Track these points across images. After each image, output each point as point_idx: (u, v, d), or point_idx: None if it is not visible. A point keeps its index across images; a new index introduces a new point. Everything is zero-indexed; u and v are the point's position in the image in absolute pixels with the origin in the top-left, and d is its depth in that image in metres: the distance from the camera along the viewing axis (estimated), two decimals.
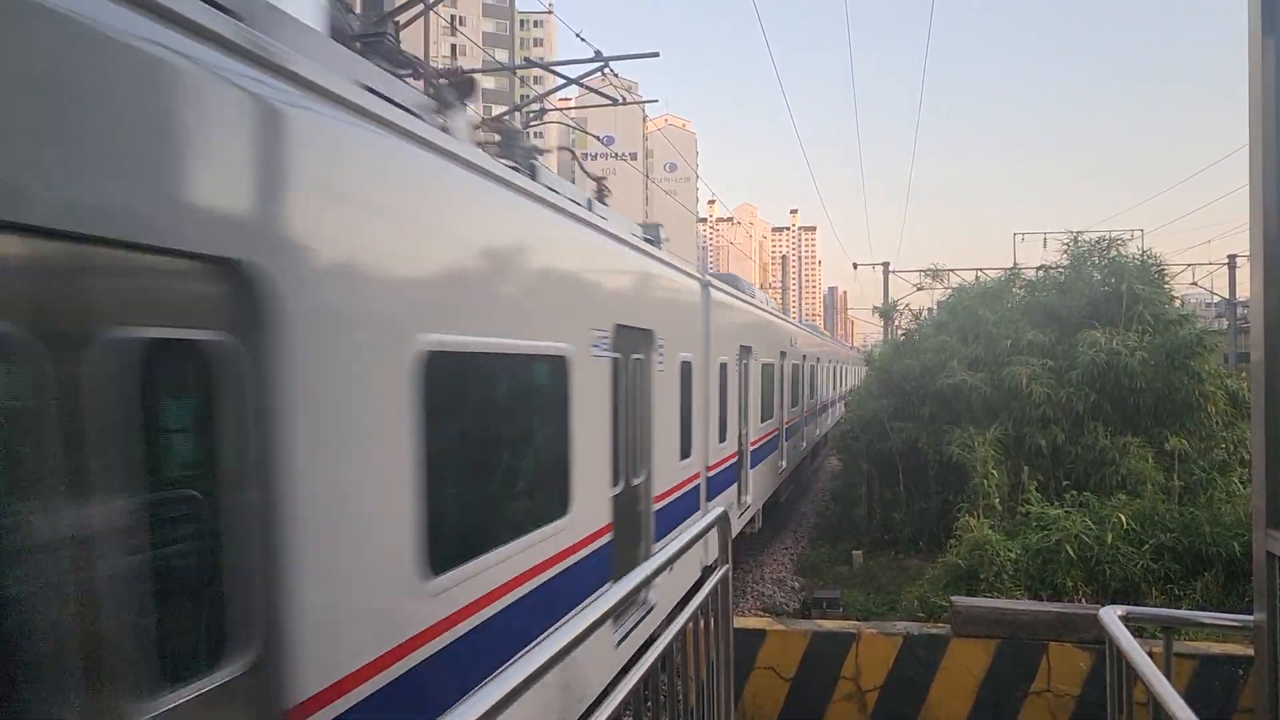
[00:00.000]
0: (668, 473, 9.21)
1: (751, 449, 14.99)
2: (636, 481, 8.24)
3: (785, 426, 19.44)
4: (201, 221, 2.87)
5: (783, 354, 19.08)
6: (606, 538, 7.08)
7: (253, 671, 3.04)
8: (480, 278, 5.08)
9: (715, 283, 12.23)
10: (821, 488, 26.62)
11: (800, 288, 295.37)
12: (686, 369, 10.14)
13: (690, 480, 10.31)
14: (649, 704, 3.73)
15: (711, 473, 11.39)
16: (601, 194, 9.38)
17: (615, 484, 7.48)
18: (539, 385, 5.99)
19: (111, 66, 2.58)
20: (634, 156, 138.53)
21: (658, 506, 8.80)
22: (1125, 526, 11.81)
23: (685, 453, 10.09)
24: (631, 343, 8.01)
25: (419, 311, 4.30)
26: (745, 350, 14.23)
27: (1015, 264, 21.98)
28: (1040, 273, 20.77)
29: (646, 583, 3.50)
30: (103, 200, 2.52)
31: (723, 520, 4.99)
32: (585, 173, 10.09)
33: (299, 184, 3.40)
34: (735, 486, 13.59)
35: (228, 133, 3.02)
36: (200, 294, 2.98)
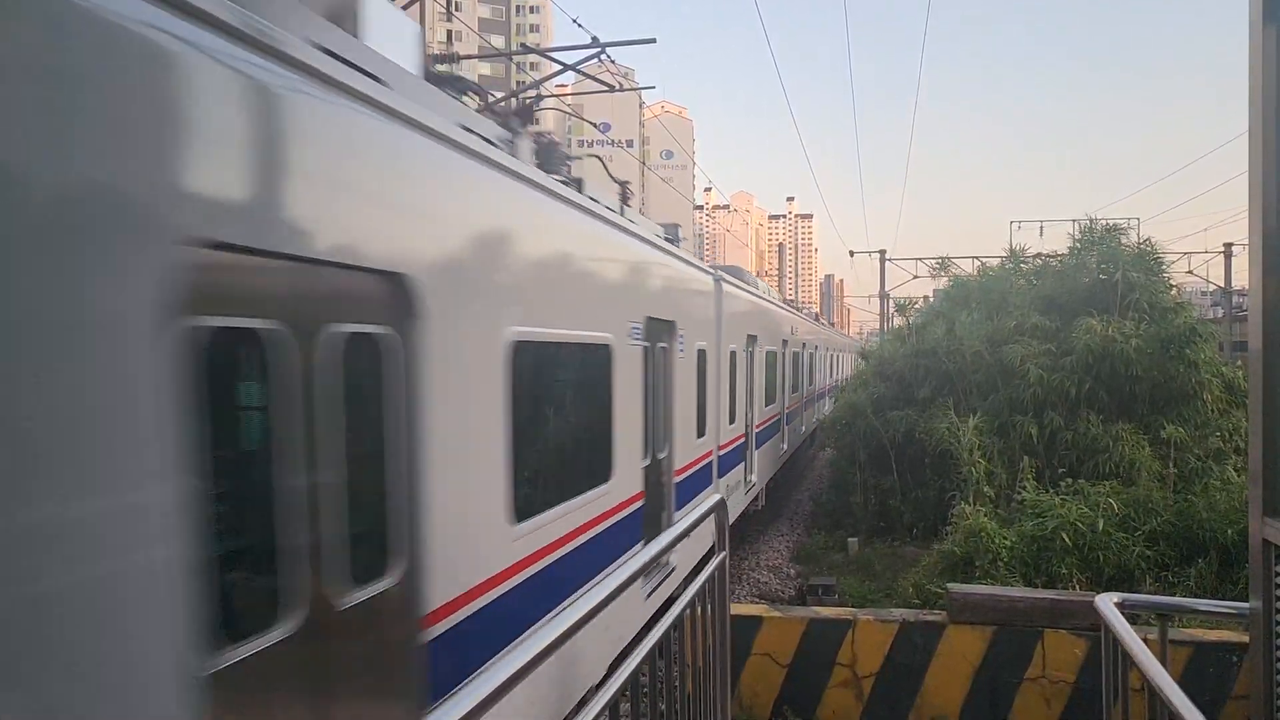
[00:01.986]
0: (687, 449, 10.24)
1: (756, 431, 15.89)
2: (661, 456, 9.29)
3: (786, 411, 20.36)
4: (384, 248, 4.02)
5: (784, 342, 19.93)
6: (639, 504, 8.22)
7: (403, 582, 4.10)
8: (547, 280, 6.14)
9: (726, 277, 13.23)
10: (818, 475, 26.67)
11: (797, 275, 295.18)
12: (702, 356, 11.17)
13: (704, 457, 11.40)
14: (646, 691, 3.74)
15: (722, 451, 12.65)
16: (625, 197, 10.08)
17: (645, 457, 8.52)
18: (590, 369, 6.93)
19: (364, 150, 3.90)
20: (630, 144, 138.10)
21: (678, 479, 9.82)
22: (1117, 512, 11.84)
23: (700, 432, 11.17)
24: (658, 332, 8.99)
25: (509, 309, 5.38)
26: (751, 339, 15.14)
27: (1014, 249, 21.99)
28: (1039, 260, 20.86)
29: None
30: (345, 241, 3.72)
31: (719, 508, 5.00)
32: (610, 176, 10.43)
33: (439, 217, 4.60)
34: (743, 465, 14.61)
35: (413, 187, 4.35)
36: (379, 298, 4.05)
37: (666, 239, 10.31)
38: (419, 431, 4.22)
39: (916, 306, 23.32)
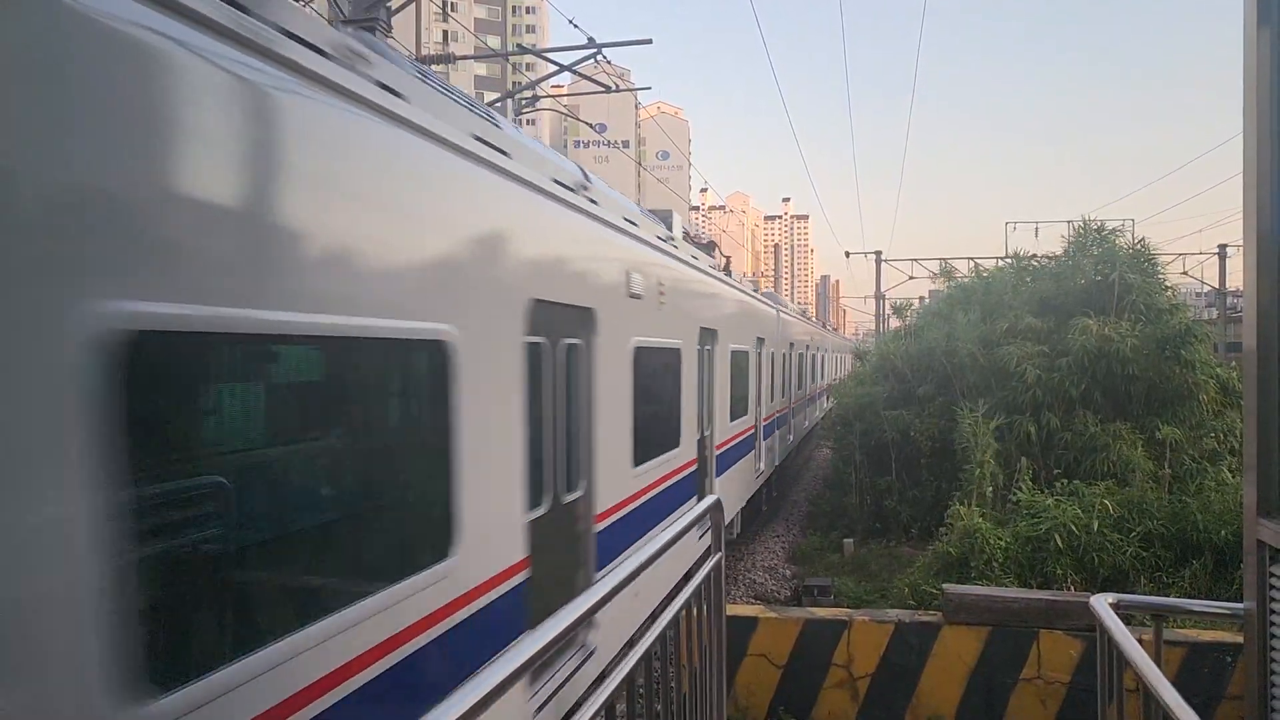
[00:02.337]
0: (723, 430, 12.93)
1: (764, 423, 17.21)
2: (705, 434, 11.71)
3: (791, 406, 21.67)
4: (585, 295, 6.69)
5: (791, 345, 21.33)
6: (693, 468, 10.62)
7: (585, 495, 6.78)
8: (655, 303, 8.70)
9: (756, 294, 16.44)
10: (813, 476, 26.69)
11: (793, 276, 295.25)
12: (725, 355, 13.08)
13: (724, 443, 13.26)
14: (643, 692, 3.73)
15: (722, 449, 13.25)
16: (711, 249, 14.25)
17: (698, 433, 11.00)
18: (671, 366, 9.49)
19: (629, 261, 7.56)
20: (626, 144, 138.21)
21: (719, 453, 12.63)
22: (1112, 514, 11.85)
23: (736, 415, 13.95)
24: (706, 338, 11.54)
25: (636, 327, 8.01)
26: (760, 341, 16.49)
27: (1010, 251, 22.15)
28: (1035, 261, 20.92)
29: (698, 521, 4.53)
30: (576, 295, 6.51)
31: (715, 508, 5.00)
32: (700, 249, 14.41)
33: (612, 273, 7.40)
34: (754, 453, 16.07)
35: (611, 258, 7.52)
36: (581, 322, 6.70)
37: (725, 271, 14.63)
38: (593, 404, 6.78)
39: (914, 308, 23.40)
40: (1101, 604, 4.41)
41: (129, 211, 2.62)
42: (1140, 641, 3.99)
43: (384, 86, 4.26)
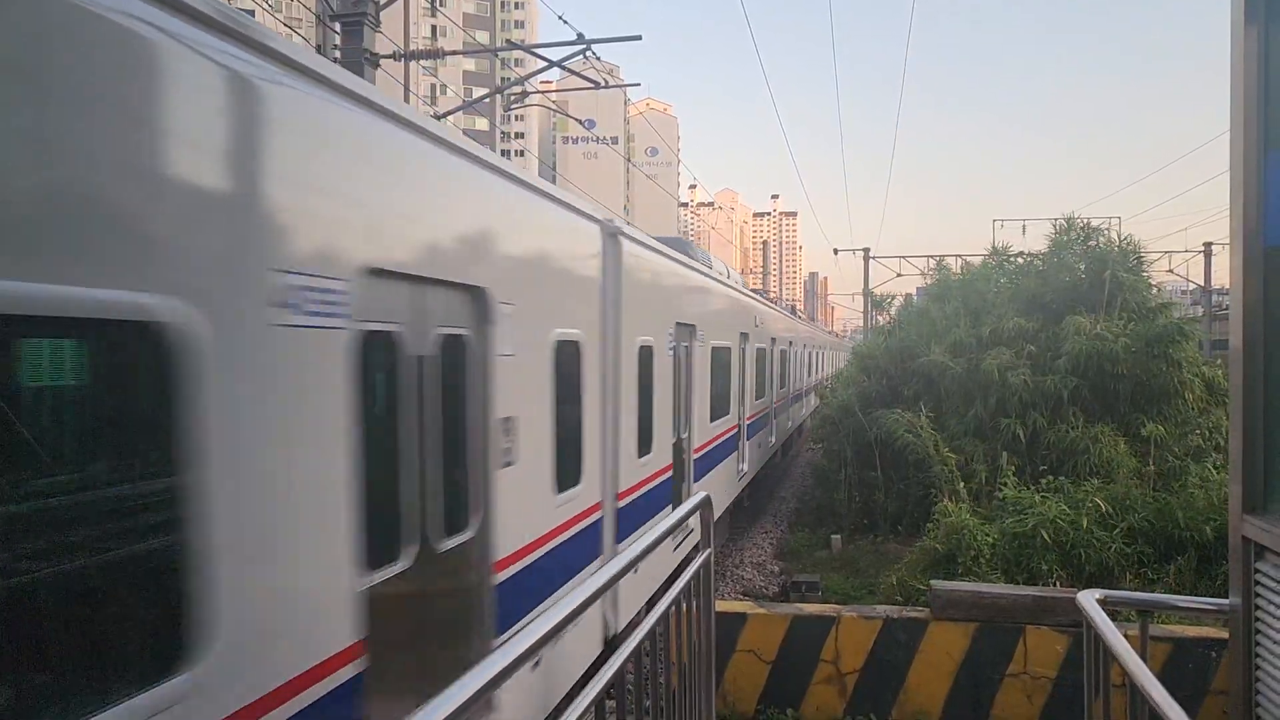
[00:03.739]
0: (703, 432, 12.53)
1: (748, 422, 16.87)
2: (682, 436, 11.35)
3: (774, 406, 21.24)
4: (474, 271, 5.22)
5: (773, 340, 20.84)
6: (667, 475, 10.26)
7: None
8: (712, 307, 10.89)
9: (741, 288, 16.99)
10: (800, 474, 26.75)
11: (781, 273, 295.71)
12: (706, 352, 12.73)
13: (703, 445, 12.72)
14: (631, 688, 3.74)
15: (701, 451, 12.60)
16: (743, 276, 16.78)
17: (673, 436, 10.60)
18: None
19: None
20: (615, 140, 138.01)
21: (697, 456, 12.03)
22: (1101, 510, 11.93)
23: (717, 415, 13.69)
24: (683, 334, 11.01)
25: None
26: (743, 336, 16.21)
27: (996, 248, 22.15)
28: (1021, 259, 21.00)
29: (688, 517, 4.59)
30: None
31: (705, 505, 5.01)
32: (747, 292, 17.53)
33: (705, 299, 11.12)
34: (736, 454, 15.83)
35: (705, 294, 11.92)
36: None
37: (746, 285, 18.52)
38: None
39: (895, 303, 23.48)
40: (1088, 600, 4.44)
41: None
42: (1126, 637, 4.01)
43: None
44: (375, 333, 4.20)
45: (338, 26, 13.82)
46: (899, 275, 38.37)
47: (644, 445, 9.05)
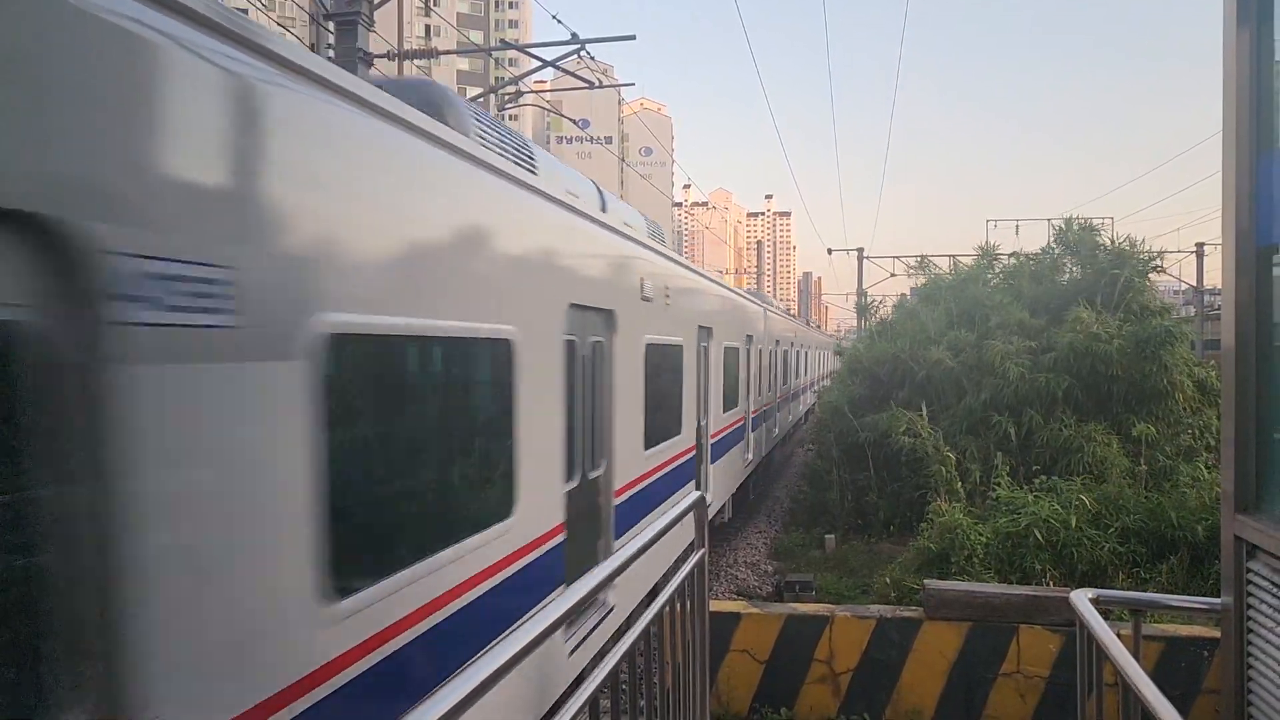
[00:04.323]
0: (717, 420, 13.86)
1: (753, 415, 18.30)
2: (702, 423, 12.57)
3: (776, 402, 22.76)
4: (609, 300, 7.57)
5: (777, 341, 22.34)
6: (691, 454, 11.55)
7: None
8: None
9: (744, 293, 18.34)
10: (794, 473, 26.77)
11: (775, 272, 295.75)
12: (719, 351, 14.09)
13: (718, 432, 14.15)
14: (626, 687, 3.74)
15: (716, 437, 14.02)
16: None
17: (725, 410, 14.00)
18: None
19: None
20: (609, 140, 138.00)
21: (713, 441, 13.39)
22: (1090, 509, 11.96)
23: (728, 407, 14.96)
24: (703, 335, 12.40)
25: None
26: (749, 338, 17.64)
27: (984, 248, 22.20)
28: (1012, 259, 21.07)
29: (673, 525, 4.60)
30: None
31: (699, 505, 5.01)
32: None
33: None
34: (743, 442, 17.22)
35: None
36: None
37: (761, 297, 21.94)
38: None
39: (880, 307, 23.52)
40: (1081, 599, 4.45)
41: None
42: (1119, 636, 4.02)
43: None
44: (569, 341, 6.46)
45: (332, 26, 13.79)
46: (893, 275, 38.41)
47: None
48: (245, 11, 4.06)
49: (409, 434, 4.23)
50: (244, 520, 2.97)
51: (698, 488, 13.04)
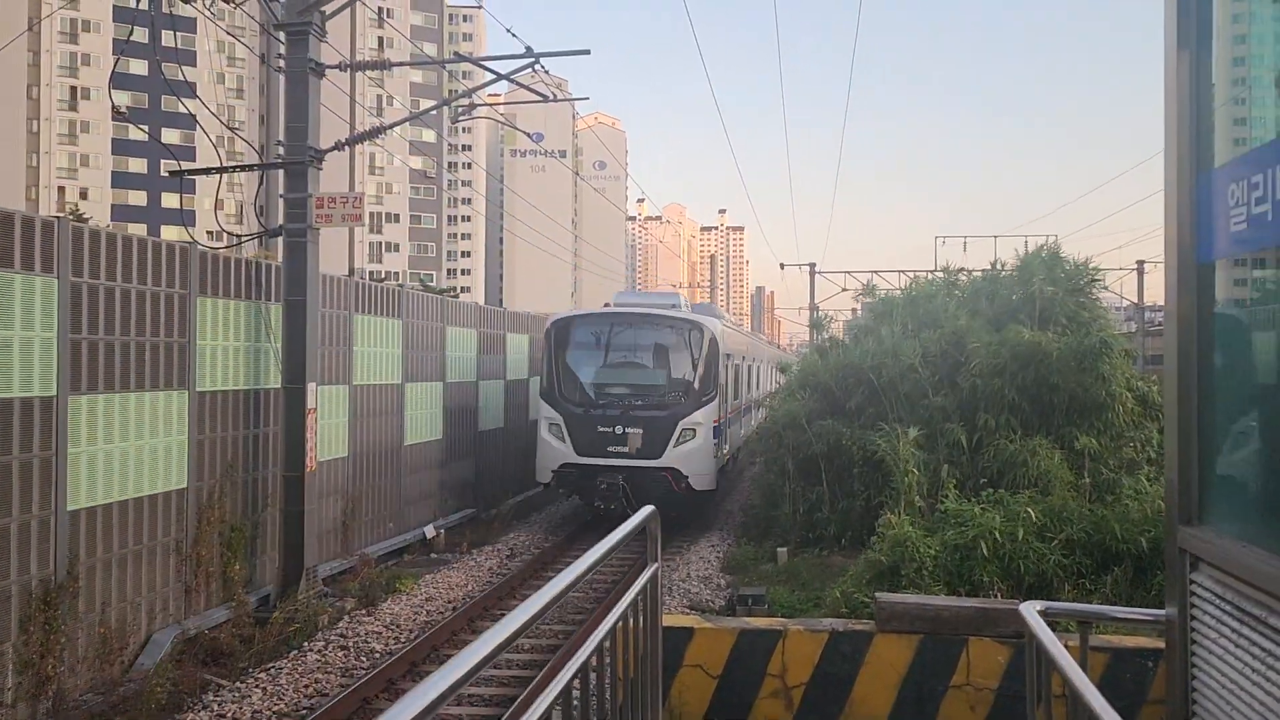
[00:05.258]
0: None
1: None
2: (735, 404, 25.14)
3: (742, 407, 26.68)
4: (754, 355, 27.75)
5: (728, 356, 24.08)
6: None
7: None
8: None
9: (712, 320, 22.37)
10: (746, 487, 26.90)
11: (728, 287, 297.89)
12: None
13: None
14: (578, 704, 3.69)
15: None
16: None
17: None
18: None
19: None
20: (564, 154, 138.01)
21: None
22: (1035, 521, 12.13)
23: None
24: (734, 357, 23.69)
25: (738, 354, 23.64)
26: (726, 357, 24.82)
27: (939, 265, 22.84)
28: (967, 275, 21.57)
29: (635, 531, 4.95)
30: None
31: (652, 518, 4.99)
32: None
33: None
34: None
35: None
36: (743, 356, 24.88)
37: (752, 331, 42.54)
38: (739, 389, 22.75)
39: (833, 323, 23.88)
40: (1030, 611, 4.50)
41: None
42: (1067, 648, 4.07)
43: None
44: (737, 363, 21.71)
45: (283, 36, 13.63)
46: (844, 290, 38.94)
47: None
48: (193, 20, 3.97)
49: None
50: None
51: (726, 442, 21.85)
